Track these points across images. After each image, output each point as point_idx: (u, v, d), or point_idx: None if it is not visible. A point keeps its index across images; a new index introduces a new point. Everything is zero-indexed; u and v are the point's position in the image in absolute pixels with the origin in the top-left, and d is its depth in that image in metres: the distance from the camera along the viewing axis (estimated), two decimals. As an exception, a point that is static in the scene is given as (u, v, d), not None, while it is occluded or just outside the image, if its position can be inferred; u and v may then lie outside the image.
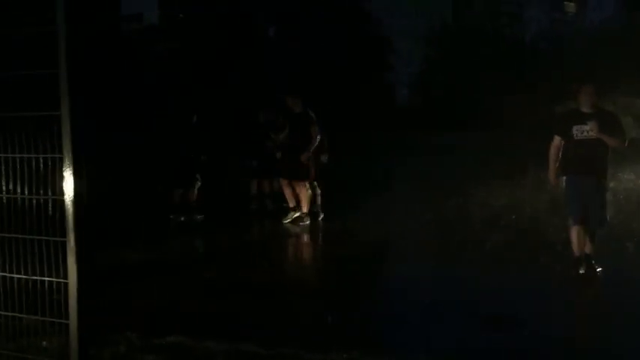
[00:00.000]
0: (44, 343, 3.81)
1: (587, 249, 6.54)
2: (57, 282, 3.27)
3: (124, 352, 4.46)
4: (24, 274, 3.44)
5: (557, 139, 6.60)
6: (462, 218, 10.28)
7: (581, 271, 6.44)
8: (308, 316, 5.60)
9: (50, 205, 3.33)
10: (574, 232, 6.50)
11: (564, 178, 6.58)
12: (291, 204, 9.96)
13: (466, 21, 36.19)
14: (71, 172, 3.18)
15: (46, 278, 3.33)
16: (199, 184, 10.37)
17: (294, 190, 9.92)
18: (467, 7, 39.99)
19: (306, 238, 9.58)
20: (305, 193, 9.88)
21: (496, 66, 31.63)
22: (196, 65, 19.97)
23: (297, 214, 9.89)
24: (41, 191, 3.36)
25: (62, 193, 3.16)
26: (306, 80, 20.49)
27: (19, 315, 3.50)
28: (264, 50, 20.87)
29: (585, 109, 6.40)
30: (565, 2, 49.31)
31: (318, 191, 10.20)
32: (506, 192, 12.32)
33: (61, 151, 3.16)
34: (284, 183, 10.03)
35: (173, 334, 4.73)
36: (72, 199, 3.18)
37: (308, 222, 9.88)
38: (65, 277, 3.19)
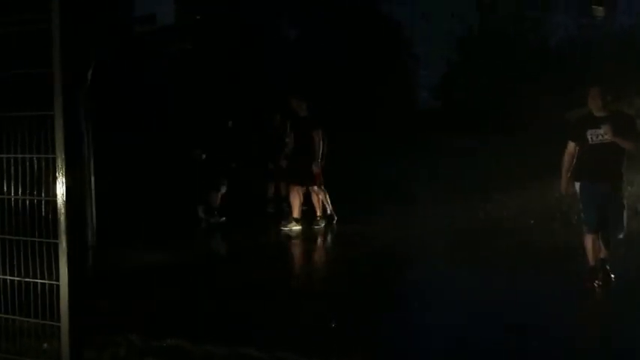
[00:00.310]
0: (39, 345, 3.79)
1: (602, 254, 6.35)
2: (49, 284, 3.24)
3: (124, 354, 4.44)
4: (17, 276, 3.42)
5: (571, 146, 6.35)
6: (480, 222, 10.14)
7: (596, 281, 6.30)
8: (316, 320, 5.54)
9: (43, 206, 3.30)
10: (589, 241, 6.30)
11: (578, 184, 6.34)
12: (295, 213, 9.83)
13: (491, 25, 35.77)
14: (63, 172, 3.15)
15: (39, 280, 3.31)
16: (225, 189, 10.34)
17: (304, 196, 9.86)
18: (492, 11, 39.65)
19: (319, 241, 9.55)
20: (317, 197, 9.85)
21: (523, 70, 31.25)
22: (221, 68, 19.96)
23: (298, 227, 9.77)
24: (35, 192, 3.34)
25: (55, 194, 3.13)
26: (329, 84, 20.39)
27: (12, 317, 3.48)
28: (285, 53, 20.84)
29: (598, 113, 6.13)
30: (594, 6, 48.73)
31: (327, 194, 10.03)
32: (524, 197, 12.11)
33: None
34: (293, 188, 9.95)
35: (174, 337, 4.70)
36: (64, 200, 3.15)
37: (322, 225, 9.86)
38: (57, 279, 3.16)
